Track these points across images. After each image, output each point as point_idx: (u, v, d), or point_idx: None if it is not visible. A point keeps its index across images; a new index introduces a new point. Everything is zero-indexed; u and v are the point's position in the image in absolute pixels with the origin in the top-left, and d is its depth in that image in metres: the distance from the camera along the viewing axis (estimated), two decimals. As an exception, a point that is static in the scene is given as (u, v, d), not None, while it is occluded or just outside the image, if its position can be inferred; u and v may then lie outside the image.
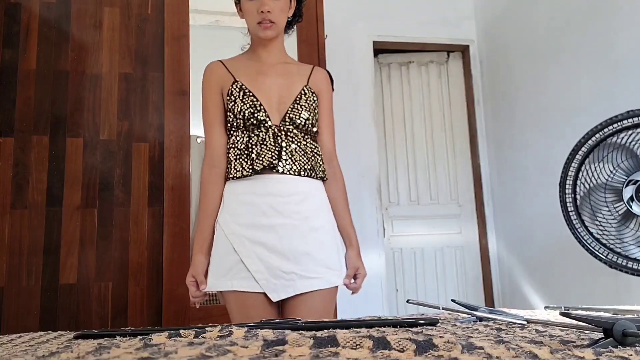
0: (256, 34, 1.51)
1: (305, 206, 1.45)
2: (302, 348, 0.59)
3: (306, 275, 1.41)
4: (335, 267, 1.47)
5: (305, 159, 1.47)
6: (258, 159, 1.43)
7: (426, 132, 3.92)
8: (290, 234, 1.42)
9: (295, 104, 1.48)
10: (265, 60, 1.55)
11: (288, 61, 1.59)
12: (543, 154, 3.10)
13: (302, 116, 1.48)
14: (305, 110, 1.49)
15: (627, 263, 1.60)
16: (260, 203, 1.43)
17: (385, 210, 3.73)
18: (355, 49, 3.65)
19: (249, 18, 1.50)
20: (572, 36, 2.87)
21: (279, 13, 1.49)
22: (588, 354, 0.60)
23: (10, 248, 2.23)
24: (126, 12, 2.52)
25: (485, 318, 1.06)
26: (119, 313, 2.28)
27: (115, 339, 0.75)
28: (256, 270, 1.40)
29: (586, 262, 2.01)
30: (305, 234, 1.44)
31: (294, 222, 1.43)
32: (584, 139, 1.73)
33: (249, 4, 1.48)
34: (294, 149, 1.46)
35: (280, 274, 1.40)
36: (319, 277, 1.42)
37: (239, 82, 1.49)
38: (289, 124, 1.47)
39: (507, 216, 3.55)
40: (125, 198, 2.36)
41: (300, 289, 1.41)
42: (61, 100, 2.39)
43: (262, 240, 1.42)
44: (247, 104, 1.46)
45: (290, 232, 1.42)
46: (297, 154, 1.46)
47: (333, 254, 1.48)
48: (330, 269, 1.45)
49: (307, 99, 1.50)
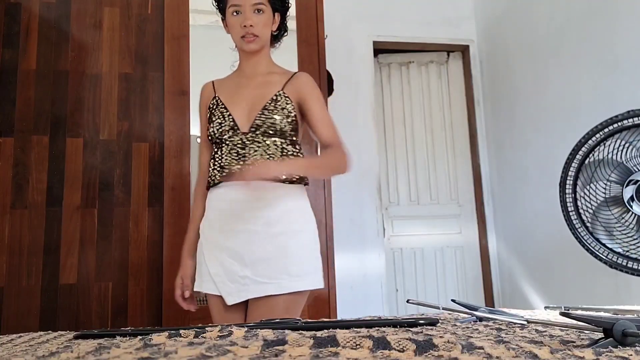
0: (241, 47, 1.58)
1: (267, 212, 1.47)
2: (302, 348, 0.59)
3: (259, 280, 1.44)
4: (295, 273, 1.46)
5: None
6: (224, 168, 1.50)
7: (426, 132, 3.92)
8: (250, 239, 1.46)
9: (264, 109, 1.50)
10: (249, 73, 1.60)
11: (273, 71, 1.62)
12: (543, 154, 3.10)
13: (269, 120, 1.49)
14: (276, 114, 1.50)
15: (627, 263, 1.60)
16: (226, 209, 1.50)
17: (385, 210, 3.73)
18: (355, 49, 3.65)
19: (233, 32, 1.56)
20: (572, 36, 2.87)
21: (262, 27, 1.54)
22: (588, 354, 0.60)
23: (10, 248, 2.23)
24: (126, 12, 2.52)
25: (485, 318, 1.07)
26: (119, 313, 2.28)
27: (115, 339, 0.75)
28: (215, 273, 1.48)
29: (586, 262, 2.01)
30: (265, 240, 1.46)
31: (256, 227, 1.46)
32: (584, 139, 1.73)
33: (233, 19, 1.54)
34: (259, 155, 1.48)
35: (236, 279, 1.45)
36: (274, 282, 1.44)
37: (216, 98, 1.58)
38: (256, 130, 1.50)
39: (507, 216, 3.55)
40: (125, 198, 2.36)
41: (253, 293, 1.44)
42: (61, 100, 2.39)
43: (226, 245, 1.48)
44: (217, 117, 1.54)
45: (251, 238, 1.46)
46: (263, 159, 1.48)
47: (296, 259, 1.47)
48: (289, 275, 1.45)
49: (278, 104, 1.51)
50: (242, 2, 1.52)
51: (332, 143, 1.55)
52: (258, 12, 1.53)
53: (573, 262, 2.78)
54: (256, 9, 1.53)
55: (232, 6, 1.54)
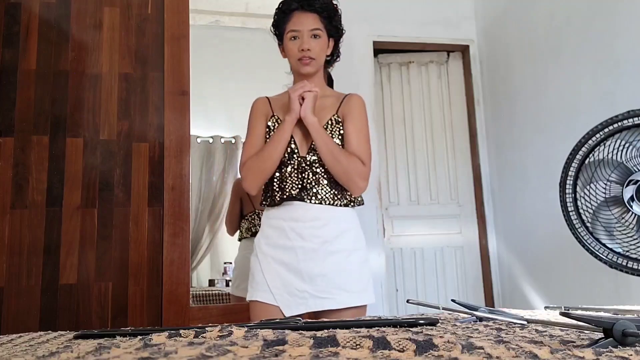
0: (297, 70, 1.66)
1: (324, 231, 1.57)
2: (302, 348, 0.59)
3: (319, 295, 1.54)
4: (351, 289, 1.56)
5: (328, 188, 1.59)
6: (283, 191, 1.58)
7: (426, 132, 3.92)
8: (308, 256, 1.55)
9: None
10: None
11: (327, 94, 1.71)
12: (543, 154, 3.10)
13: None
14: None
15: (627, 263, 1.60)
16: (285, 227, 1.58)
17: (385, 210, 3.73)
18: (355, 49, 3.65)
19: (291, 56, 1.66)
20: (572, 36, 2.87)
21: (318, 51, 1.64)
22: (588, 354, 0.60)
23: (10, 248, 2.23)
24: (126, 12, 2.52)
25: (485, 318, 1.06)
26: (119, 313, 2.28)
27: (115, 339, 0.75)
28: (274, 286, 1.57)
29: (586, 262, 2.01)
30: (322, 257, 1.55)
31: (313, 245, 1.56)
32: (584, 139, 1.73)
33: (291, 44, 1.64)
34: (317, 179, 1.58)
35: (295, 292, 1.55)
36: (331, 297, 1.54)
37: (275, 116, 1.65)
38: (313, 154, 1.59)
39: (507, 216, 3.55)
40: (125, 198, 2.36)
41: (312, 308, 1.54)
42: (61, 100, 2.39)
43: (284, 260, 1.57)
44: None
45: (308, 255, 1.56)
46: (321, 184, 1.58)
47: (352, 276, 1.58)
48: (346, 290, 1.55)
49: (332, 129, 1.61)
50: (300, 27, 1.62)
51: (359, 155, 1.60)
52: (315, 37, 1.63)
53: (573, 262, 2.78)
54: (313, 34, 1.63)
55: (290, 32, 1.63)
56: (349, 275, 1.57)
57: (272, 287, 1.56)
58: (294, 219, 1.58)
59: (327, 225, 1.57)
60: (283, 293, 1.55)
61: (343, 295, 1.54)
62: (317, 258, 1.55)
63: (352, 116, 1.65)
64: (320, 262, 1.55)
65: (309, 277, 1.54)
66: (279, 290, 1.56)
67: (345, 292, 1.55)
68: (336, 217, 1.60)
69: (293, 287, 1.55)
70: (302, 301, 1.54)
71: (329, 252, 1.56)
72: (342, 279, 1.55)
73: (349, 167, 1.56)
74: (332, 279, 1.54)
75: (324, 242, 1.56)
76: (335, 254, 1.57)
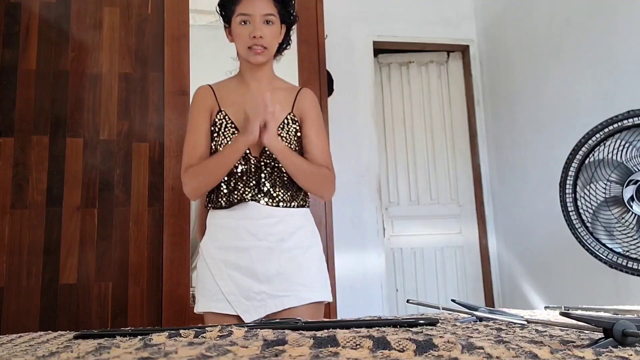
0: (247, 59, 1.51)
1: (279, 228, 1.47)
2: (302, 348, 0.59)
3: (277, 294, 1.44)
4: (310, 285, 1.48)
5: (284, 190, 1.49)
6: (236, 192, 1.46)
7: (426, 132, 3.92)
8: (264, 256, 1.45)
9: None
10: (254, 88, 1.54)
11: (277, 86, 1.57)
12: (543, 154, 3.10)
13: None
14: (286, 141, 1.49)
15: (627, 263, 1.60)
16: (235, 227, 1.47)
17: (385, 210, 3.73)
18: (355, 49, 3.65)
19: (239, 42, 1.50)
20: (572, 36, 2.87)
21: (271, 39, 1.50)
22: (588, 354, 0.60)
23: (10, 248, 2.23)
24: (126, 12, 2.52)
25: (485, 318, 1.06)
26: (119, 313, 2.28)
27: (115, 339, 0.75)
28: (229, 292, 1.44)
29: (586, 262, 2.01)
30: (278, 255, 1.46)
31: (268, 244, 1.46)
32: (584, 139, 1.73)
33: (241, 29, 1.48)
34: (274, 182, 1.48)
35: (252, 295, 1.44)
36: (291, 294, 1.45)
37: (222, 112, 1.51)
38: (268, 155, 1.48)
39: (507, 216, 3.55)
40: (125, 198, 2.36)
41: (271, 308, 1.44)
42: (61, 100, 2.39)
43: (237, 263, 1.46)
44: (227, 137, 1.48)
45: (264, 255, 1.45)
46: (277, 185, 1.48)
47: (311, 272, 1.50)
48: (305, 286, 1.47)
49: (288, 129, 1.50)
50: (252, 11, 1.47)
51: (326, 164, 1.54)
52: (268, 23, 1.48)
53: (573, 262, 2.78)
54: (266, 19, 1.48)
55: (240, 15, 1.48)
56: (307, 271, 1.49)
57: (227, 294, 1.44)
58: (245, 218, 1.46)
59: (282, 222, 1.47)
60: (240, 298, 1.44)
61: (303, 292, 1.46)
62: (273, 257, 1.45)
63: (311, 118, 1.55)
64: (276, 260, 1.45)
65: (265, 277, 1.44)
66: (234, 297, 1.44)
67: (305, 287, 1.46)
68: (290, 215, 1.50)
69: (250, 291, 1.44)
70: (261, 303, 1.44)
71: (284, 250, 1.47)
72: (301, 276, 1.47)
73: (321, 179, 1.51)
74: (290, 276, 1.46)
75: (279, 240, 1.46)
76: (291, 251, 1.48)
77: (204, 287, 1.49)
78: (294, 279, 1.46)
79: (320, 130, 1.57)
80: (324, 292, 1.51)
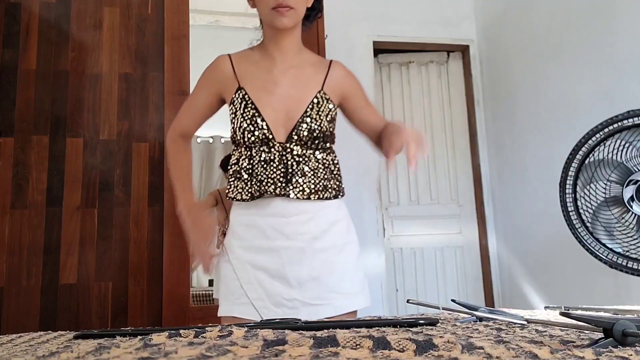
0: (271, 22, 1.30)
1: (311, 226, 1.32)
2: (302, 348, 0.59)
3: (310, 303, 1.30)
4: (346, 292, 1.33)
5: (317, 180, 1.32)
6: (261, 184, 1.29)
7: (426, 132, 3.92)
8: (295, 258, 1.30)
9: (305, 116, 1.30)
10: (279, 62, 1.36)
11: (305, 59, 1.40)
12: (543, 154, 3.10)
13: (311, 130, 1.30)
14: (316, 123, 1.30)
15: (627, 263, 1.60)
16: (262, 224, 1.31)
17: (385, 210, 3.73)
18: (355, 49, 3.65)
19: (262, 4, 1.29)
20: (572, 36, 2.87)
21: None
22: (588, 354, 0.60)
23: (10, 248, 2.23)
24: (126, 12, 2.52)
25: (485, 318, 1.06)
26: (119, 313, 2.28)
27: (115, 339, 0.75)
28: (256, 297, 1.30)
29: (586, 262, 2.01)
30: (311, 257, 1.31)
31: (300, 244, 1.30)
32: (584, 139, 1.73)
33: None
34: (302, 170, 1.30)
35: (282, 302, 1.29)
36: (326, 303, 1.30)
37: (242, 91, 1.32)
38: (295, 141, 1.29)
39: (507, 216, 3.55)
40: (125, 198, 2.36)
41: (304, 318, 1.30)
42: (61, 100, 2.39)
43: (264, 265, 1.31)
44: (246, 118, 1.30)
45: (295, 256, 1.30)
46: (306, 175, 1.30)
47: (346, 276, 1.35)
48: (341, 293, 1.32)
49: (319, 109, 1.32)
50: None
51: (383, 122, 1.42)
52: None
53: (573, 262, 2.78)
54: None
55: None
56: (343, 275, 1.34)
57: (253, 300, 1.29)
58: (272, 215, 1.30)
59: (313, 218, 1.31)
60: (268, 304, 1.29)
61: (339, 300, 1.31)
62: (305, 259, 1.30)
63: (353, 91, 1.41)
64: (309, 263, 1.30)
65: (297, 282, 1.29)
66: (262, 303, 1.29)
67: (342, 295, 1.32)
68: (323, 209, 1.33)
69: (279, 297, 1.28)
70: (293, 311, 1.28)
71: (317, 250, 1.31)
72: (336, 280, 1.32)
73: None
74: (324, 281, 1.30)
75: (312, 239, 1.31)
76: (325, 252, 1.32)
77: (228, 289, 1.33)
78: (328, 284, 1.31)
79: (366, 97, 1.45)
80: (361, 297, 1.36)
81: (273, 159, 1.29)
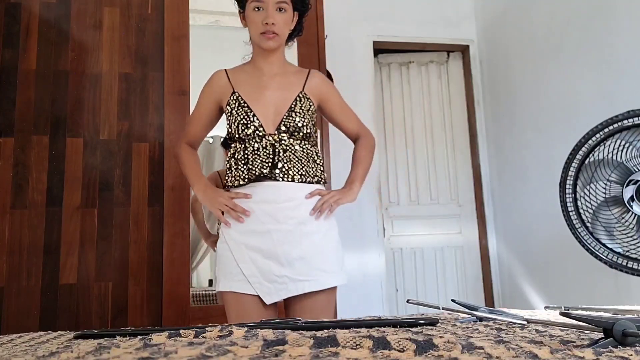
0: (259, 44, 1.58)
1: (299, 211, 1.53)
2: (302, 348, 0.59)
3: (298, 279, 1.50)
4: (329, 270, 1.54)
5: (300, 165, 1.55)
6: (253, 168, 1.52)
7: (426, 132, 3.92)
8: (285, 239, 1.51)
9: (290, 111, 1.55)
10: (266, 72, 1.62)
11: (287, 70, 1.66)
12: (543, 154, 3.10)
13: (296, 122, 1.55)
14: (300, 117, 1.56)
15: (627, 263, 1.60)
16: (256, 210, 1.52)
17: (385, 210, 3.73)
18: (355, 49, 3.65)
19: (252, 28, 1.57)
20: (572, 36, 2.87)
21: (282, 25, 1.56)
22: (588, 354, 0.60)
23: (10, 248, 2.23)
24: (126, 12, 2.52)
25: (485, 318, 1.06)
26: (119, 313, 2.28)
27: (115, 339, 0.75)
28: (250, 274, 1.50)
29: (586, 262, 2.01)
30: (299, 239, 1.52)
31: (289, 227, 1.51)
32: (584, 139, 1.73)
33: (255, 15, 1.55)
34: (288, 156, 1.53)
35: (273, 278, 1.50)
36: (312, 279, 1.51)
37: (236, 94, 1.58)
38: (283, 132, 1.54)
39: (507, 216, 3.55)
40: (125, 198, 2.36)
41: (292, 292, 1.51)
42: (61, 100, 2.39)
43: (258, 246, 1.51)
44: (240, 115, 1.55)
45: (285, 238, 1.51)
46: (292, 160, 1.54)
47: (329, 256, 1.57)
48: (324, 271, 1.53)
49: (301, 106, 1.57)
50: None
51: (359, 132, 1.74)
52: (280, 10, 1.55)
53: (573, 262, 2.78)
54: (279, 7, 1.55)
55: (254, 1, 1.55)
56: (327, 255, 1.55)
57: (249, 277, 1.50)
58: (265, 201, 1.52)
59: (301, 205, 1.54)
60: (261, 280, 1.50)
61: (323, 276, 1.52)
62: (294, 240, 1.51)
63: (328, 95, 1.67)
64: (297, 244, 1.51)
65: (287, 261, 1.50)
66: (256, 279, 1.50)
67: (325, 272, 1.53)
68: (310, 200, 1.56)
69: (271, 274, 1.50)
70: (282, 287, 1.50)
71: (305, 233, 1.52)
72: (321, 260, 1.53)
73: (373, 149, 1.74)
74: (310, 260, 1.52)
75: (299, 223, 1.52)
76: (311, 235, 1.53)
77: (225, 268, 1.54)
78: (314, 263, 1.52)
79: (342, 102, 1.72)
80: (340, 276, 1.58)
81: (264, 147, 1.53)
